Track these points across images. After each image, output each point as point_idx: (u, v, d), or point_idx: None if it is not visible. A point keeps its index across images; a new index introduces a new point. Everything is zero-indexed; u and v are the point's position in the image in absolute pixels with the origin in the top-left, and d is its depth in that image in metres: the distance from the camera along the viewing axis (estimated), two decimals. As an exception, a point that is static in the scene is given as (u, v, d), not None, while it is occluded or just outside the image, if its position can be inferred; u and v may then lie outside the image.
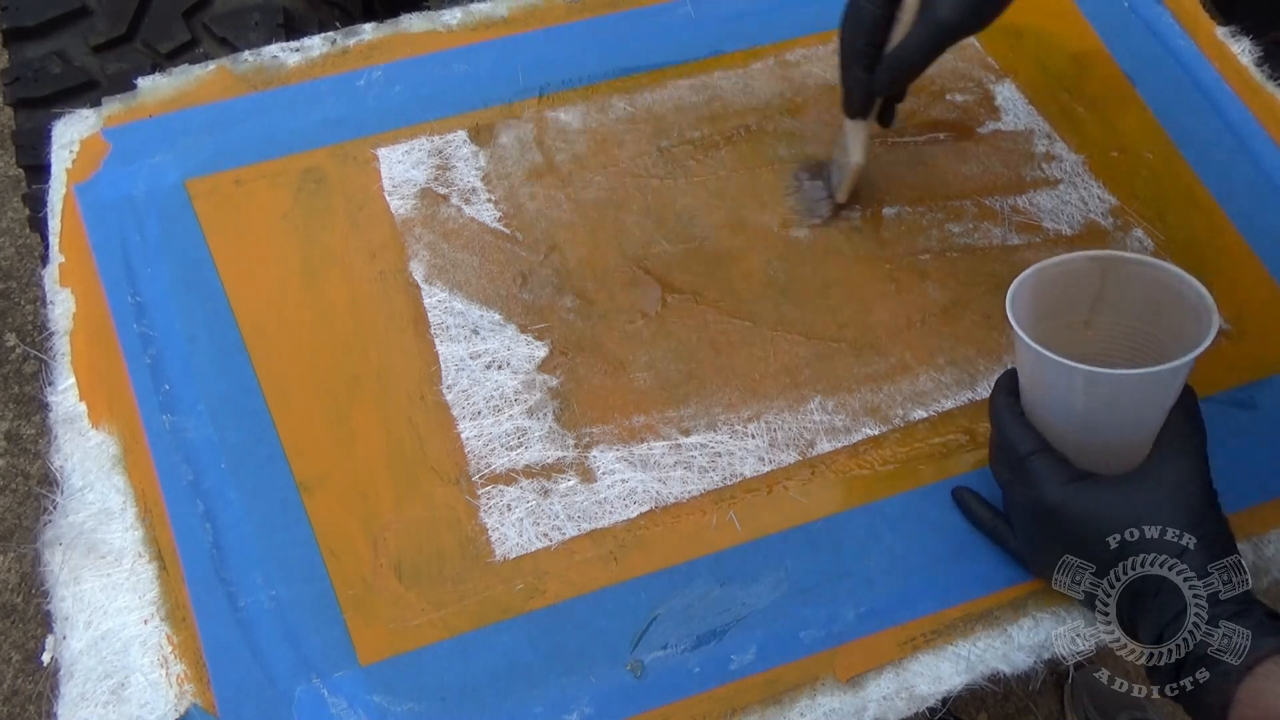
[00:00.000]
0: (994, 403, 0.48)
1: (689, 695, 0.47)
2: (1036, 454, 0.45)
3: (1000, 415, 0.47)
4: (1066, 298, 0.47)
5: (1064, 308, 0.48)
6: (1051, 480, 0.44)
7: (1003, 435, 0.47)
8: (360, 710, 0.46)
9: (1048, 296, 0.46)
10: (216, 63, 0.65)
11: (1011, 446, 0.46)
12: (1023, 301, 0.45)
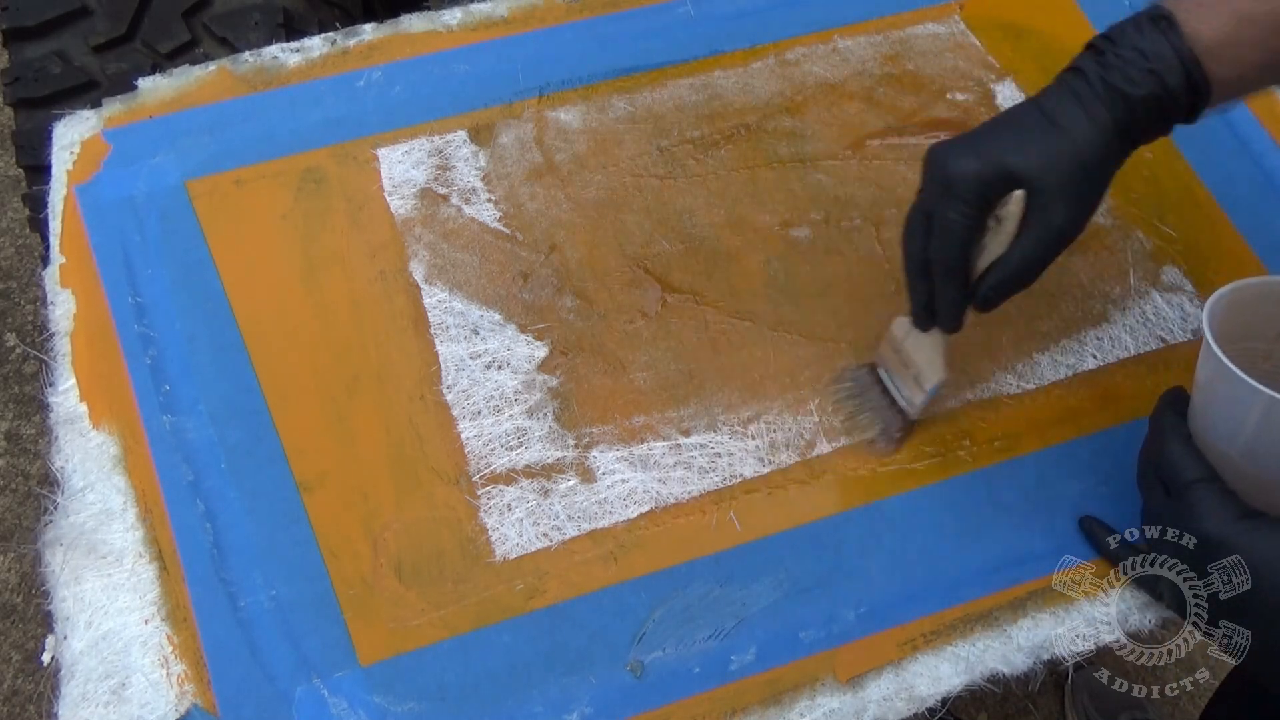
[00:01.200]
0: (1160, 420, 0.45)
1: (689, 695, 0.47)
2: (1202, 483, 0.42)
3: (1166, 435, 0.44)
4: (1255, 322, 0.45)
5: (1249, 332, 0.45)
6: (1217, 514, 0.41)
7: (1166, 457, 0.44)
8: (360, 710, 0.46)
9: (1237, 317, 0.44)
10: (216, 63, 0.65)
11: (1174, 470, 0.43)
12: (1217, 315, 0.43)
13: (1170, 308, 0.59)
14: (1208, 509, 0.41)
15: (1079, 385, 0.56)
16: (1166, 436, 0.44)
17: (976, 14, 0.71)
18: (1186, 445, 0.43)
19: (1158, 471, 0.44)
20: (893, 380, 0.54)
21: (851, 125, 0.65)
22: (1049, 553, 0.50)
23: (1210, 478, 0.42)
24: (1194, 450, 0.43)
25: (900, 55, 0.68)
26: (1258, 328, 0.45)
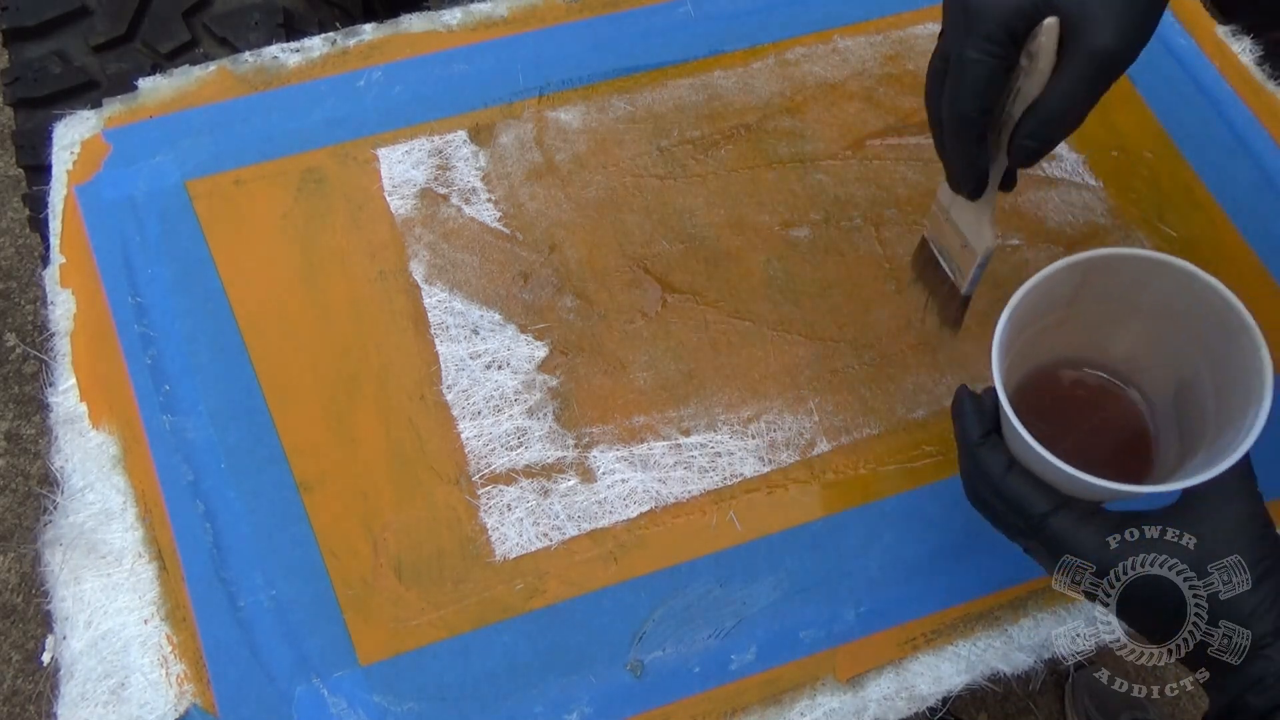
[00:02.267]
0: (976, 455, 0.40)
1: (689, 695, 0.47)
2: (1055, 514, 0.38)
3: (990, 472, 0.39)
4: (1042, 304, 0.42)
5: (1038, 312, 0.42)
6: (1087, 543, 0.38)
7: (1003, 497, 0.39)
8: (360, 710, 0.46)
9: (1024, 315, 0.41)
10: (216, 63, 0.65)
11: (1020, 508, 0.39)
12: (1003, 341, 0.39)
13: (1170, 308, 0.59)
14: (1072, 542, 0.38)
15: (1079, 385, 0.56)
16: (993, 477, 0.39)
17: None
18: (1019, 479, 0.39)
19: (1000, 509, 0.40)
20: (943, 254, 0.49)
21: (851, 125, 0.65)
22: (1049, 553, 0.50)
23: (1059, 505, 0.38)
24: (1027, 480, 0.39)
25: (900, 55, 0.68)
26: (1046, 306, 0.42)
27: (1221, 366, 0.40)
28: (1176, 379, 0.44)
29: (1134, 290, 0.42)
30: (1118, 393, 0.46)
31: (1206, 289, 0.39)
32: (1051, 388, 0.47)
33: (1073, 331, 0.45)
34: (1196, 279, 0.39)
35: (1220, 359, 0.40)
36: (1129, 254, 0.40)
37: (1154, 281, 0.41)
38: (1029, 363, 0.46)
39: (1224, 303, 0.38)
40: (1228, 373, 0.39)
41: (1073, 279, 0.41)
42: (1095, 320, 0.44)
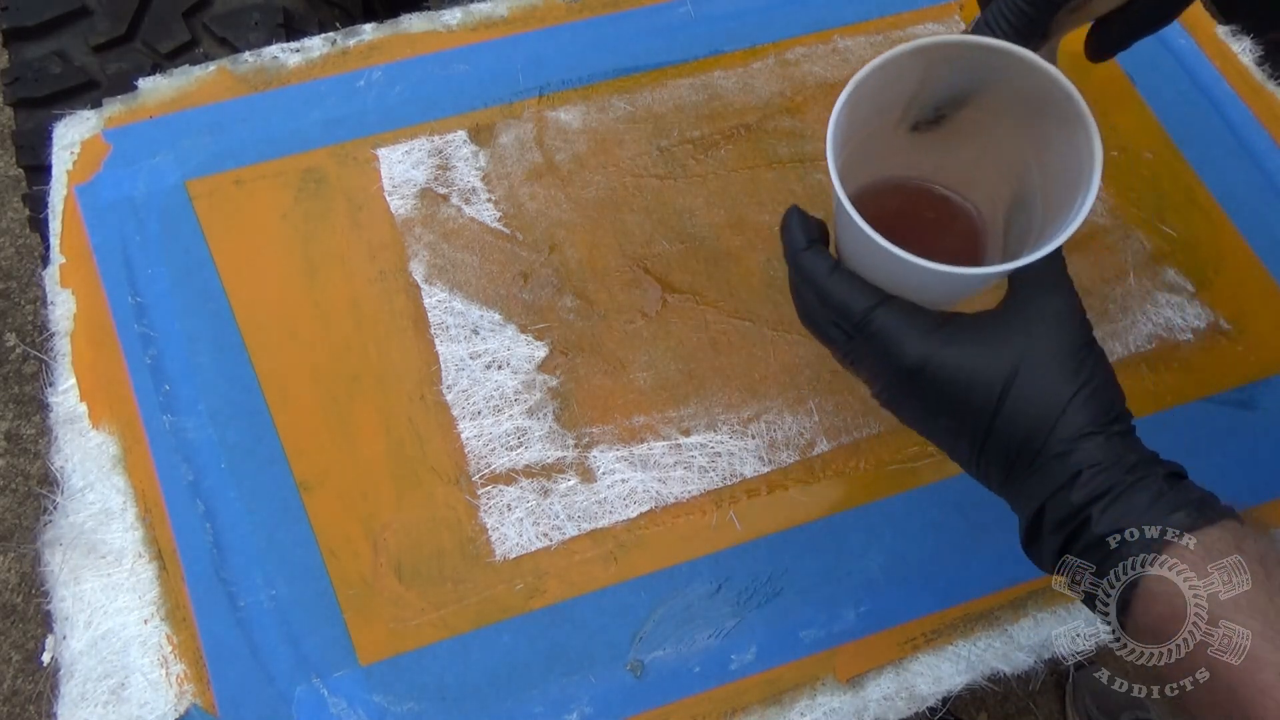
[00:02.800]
0: (800, 260, 0.39)
1: (689, 695, 0.47)
2: (878, 309, 0.36)
3: (814, 274, 0.38)
4: (882, 100, 0.39)
5: (879, 109, 0.40)
6: (906, 336, 0.36)
7: (828, 299, 0.38)
8: (360, 710, 0.46)
9: (861, 111, 0.39)
10: (216, 63, 0.65)
11: (844, 308, 0.37)
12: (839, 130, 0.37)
13: (1170, 308, 0.59)
14: (894, 335, 0.36)
15: (1079, 385, 0.56)
16: (816, 275, 0.38)
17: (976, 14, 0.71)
18: (840, 276, 0.37)
19: (822, 312, 0.39)
20: None
21: (851, 125, 0.65)
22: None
23: (885, 300, 0.37)
24: (852, 279, 0.37)
25: (900, 55, 0.68)
26: (887, 101, 0.40)
27: (1054, 169, 0.38)
28: (1010, 193, 0.42)
29: (974, 87, 0.39)
30: (954, 207, 0.44)
31: (1045, 78, 0.37)
32: (887, 201, 0.44)
33: (912, 141, 0.42)
34: (1035, 68, 0.37)
35: (1054, 158, 0.38)
36: (970, 41, 0.37)
37: (994, 77, 0.39)
38: (866, 172, 0.43)
39: (1062, 92, 0.36)
40: (1060, 173, 0.37)
41: (915, 69, 0.38)
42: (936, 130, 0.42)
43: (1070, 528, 0.34)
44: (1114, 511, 0.33)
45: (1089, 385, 0.35)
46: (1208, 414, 0.55)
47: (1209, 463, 0.54)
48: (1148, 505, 0.33)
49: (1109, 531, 0.33)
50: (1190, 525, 0.32)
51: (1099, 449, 0.34)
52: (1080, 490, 0.34)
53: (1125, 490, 0.34)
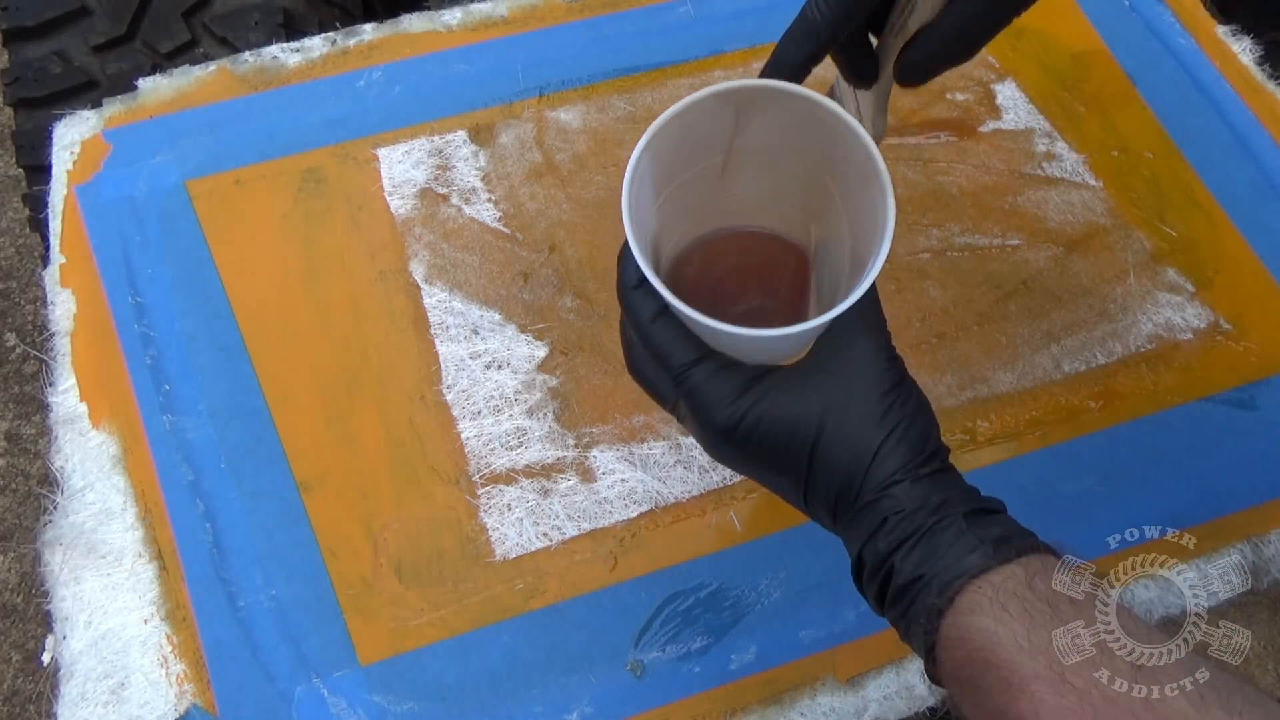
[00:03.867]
0: (628, 299, 0.38)
1: (689, 695, 0.47)
2: (693, 368, 0.36)
3: (638, 318, 0.37)
4: (695, 142, 0.38)
5: (698, 155, 0.39)
6: (719, 396, 0.36)
7: (649, 346, 0.37)
8: (360, 710, 0.46)
9: (680, 149, 0.37)
10: (216, 63, 0.65)
11: (663, 359, 0.37)
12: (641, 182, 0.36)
13: (1170, 308, 0.59)
14: (708, 395, 0.36)
15: (1079, 385, 0.56)
16: (640, 323, 0.37)
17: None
18: (665, 327, 0.37)
19: (645, 360, 0.39)
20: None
21: (851, 125, 0.65)
22: (1049, 553, 0.50)
23: (705, 356, 0.36)
24: (675, 329, 0.37)
25: (900, 55, 0.68)
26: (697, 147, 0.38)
27: (856, 215, 0.38)
28: (822, 238, 0.41)
29: (790, 136, 0.39)
30: (786, 248, 0.43)
31: (849, 134, 0.36)
32: (718, 249, 0.43)
33: (735, 189, 0.41)
34: (841, 123, 0.36)
35: (856, 211, 0.38)
36: (778, 88, 0.36)
37: (808, 127, 0.38)
38: (694, 221, 0.42)
39: (863, 150, 0.36)
40: (862, 226, 0.37)
41: (723, 114, 0.38)
42: (754, 175, 0.41)
43: (881, 575, 0.34)
44: (914, 558, 0.33)
45: (896, 430, 0.35)
46: (1208, 414, 0.55)
47: (1209, 463, 0.54)
48: (946, 548, 0.33)
49: (910, 580, 0.33)
50: (983, 567, 0.32)
51: (905, 494, 0.34)
52: (885, 538, 0.34)
53: (926, 534, 0.33)
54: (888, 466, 0.34)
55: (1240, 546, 0.51)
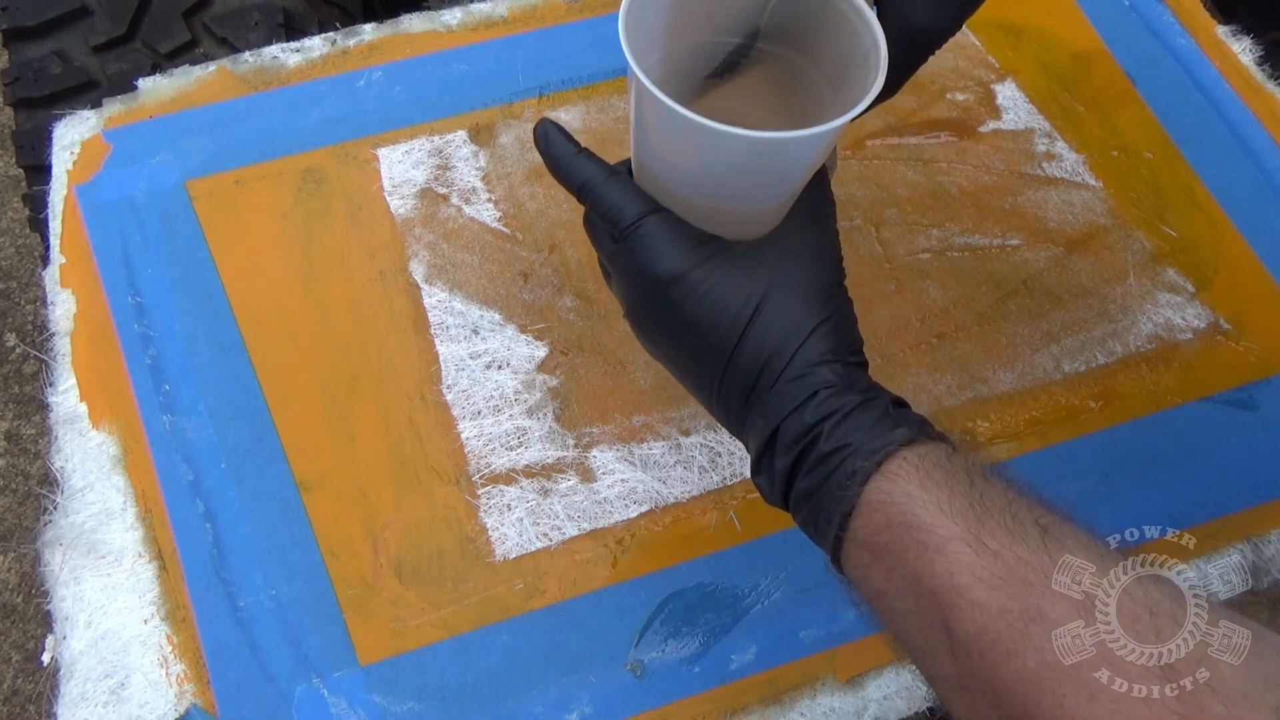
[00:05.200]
0: (572, 165, 0.39)
1: (689, 695, 0.47)
2: (649, 216, 0.37)
3: (588, 178, 0.38)
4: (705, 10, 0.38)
5: (701, 24, 0.38)
6: (671, 247, 0.36)
7: (600, 200, 0.38)
8: (360, 710, 0.46)
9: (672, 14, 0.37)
10: (216, 63, 0.65)
11: (614, 212, 0.38)
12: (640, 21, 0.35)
13: (1170, 308, 0.59)
14: (659, 243, 0.36)
15: (1079, 385, 0.56)
16: (592, 183, 0.38)
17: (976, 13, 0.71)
18: (618, 181, 0.38)
19: (598, 218, 0.39)
20: None
21: (851, 125, 0.65)
22: (1049, 552, 0.50)
23: (656, 209, 0.37)
24: (627, 186, 0.38)
25: (900, 55, 0.68)
26: (710, 17, 0.37)
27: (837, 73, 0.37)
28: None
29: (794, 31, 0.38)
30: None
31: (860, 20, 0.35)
32: None
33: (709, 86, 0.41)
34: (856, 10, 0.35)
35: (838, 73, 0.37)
36: None
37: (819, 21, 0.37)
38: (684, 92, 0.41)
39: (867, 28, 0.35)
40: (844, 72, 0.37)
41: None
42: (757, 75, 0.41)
43: (801, 445, 0.35)
44: (843, 429, 0.35)
45: (832, 319, 0.36)
46: (1208, 414, 0.55)
47: (1209, 463, 0.54)
48: (873, 423, 0.34)
49: (836, 448, 0.34)
50: (910, 439, 0.34)
51: (835, 374, 0.36)
52: (814, 410, 0.35)
53: (854, 410, 0.35)
54: (819, 349, 0.36)
55: (1240, 546, 0.51)
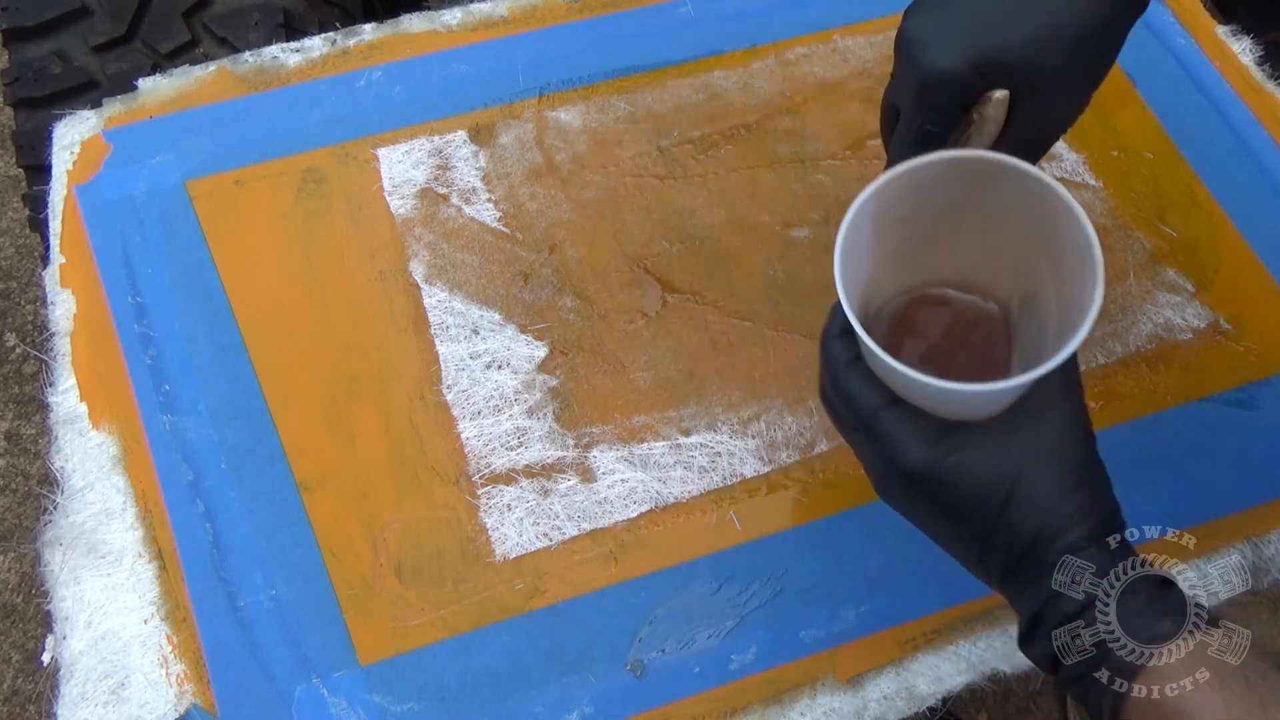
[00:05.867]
0: (826, 346, 0.40)
1: (689, 695, 0.47)
2: (885, 409, 0.37)
3: (834, 361, 0.39)
4: (914, 209, 0.39)
5: (910, 219, 0.40)
6: (914, 440, 0.36)
7: (839, 388, 0.39)
8: (360, 710, 0.46)
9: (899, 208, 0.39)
10: (216, 63, 0.65)
11: (852, 401, 0.38)
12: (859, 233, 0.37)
13: (1170, 308, 0.59)
14: (902, 436, 0.37)
15: (1079, 385, 0.56)
16: (835, 363, 0.39)
17: (976, 14, 0.71)
18: (856, 369, 0.38)
19: (838, 403, 0.40)
20: None
21: (851, 125, 0.65)
22: (1049, 552, 0.50)
23: (893, 401, 0.37)
24: (866, 373, 0.38)
25: (900, 55, 0.68)
26: (925, 208, 0.40)
27: (1062, 270, 0.38)
28: (1021, 291, 0.42)
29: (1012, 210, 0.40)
30: (977, 311, 0.44)
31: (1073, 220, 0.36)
32: (910, 309, 0.44)
33: (946, 252, 0.43)
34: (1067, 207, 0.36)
35: (1060, 257, 0.38)
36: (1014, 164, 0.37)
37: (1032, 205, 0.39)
38: (887, 281, 0.44)
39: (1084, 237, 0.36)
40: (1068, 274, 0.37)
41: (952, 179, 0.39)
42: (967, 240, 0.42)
43: (1065, 632, 0.36)
44: (1107, 618, 0.35)
45: (1089, 500, 0.36)
46: (1208, 414, 0.55)
47: (1209, 463, 0.54)
48: (1139, 612, 0.34)
49: (1099, 640, 0.35)
50: (1176, 633, 0.33)
51: (1094, 557, 0.35)
52: (1072, 599, 0.35)
53: (1118, 597, 0.35)
54: (1076, 532, 0.36)
55: (1240, 546, 0.51)
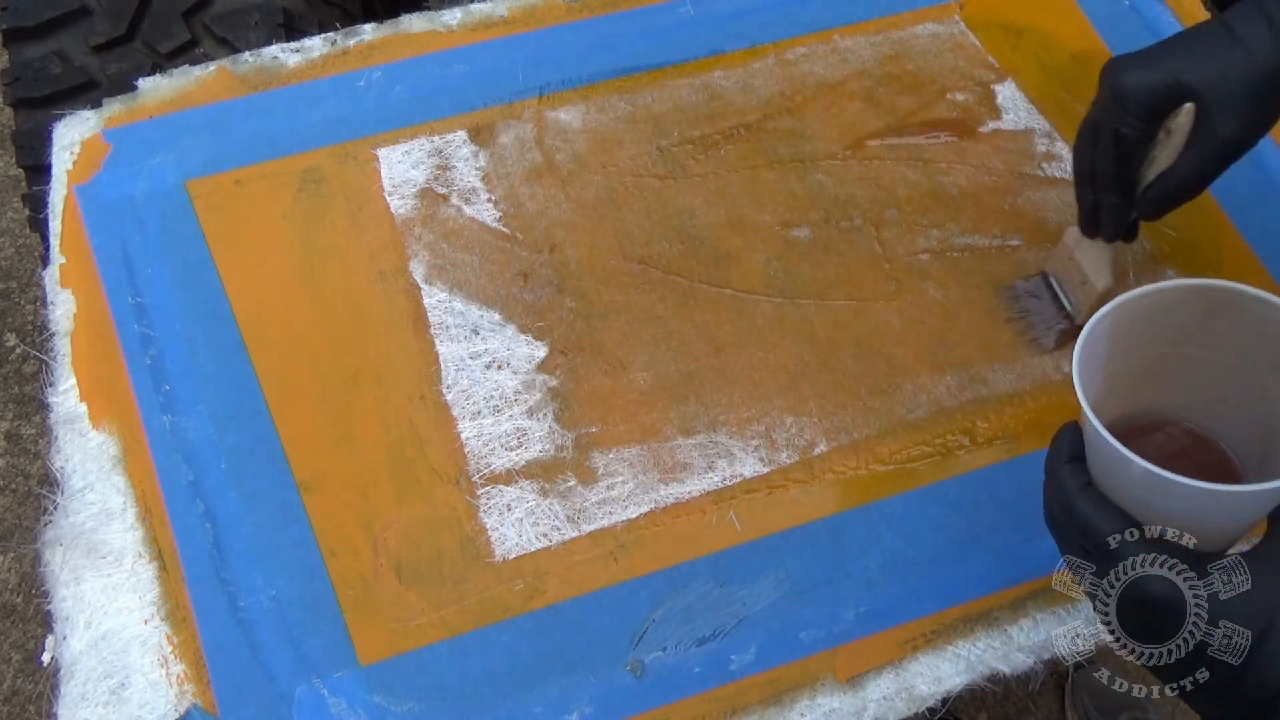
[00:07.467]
0: (1057, 470, 0.40)
1: (689, 695, 0.47)
2: (1137, 545, 0.37)
3: (1066, 488, 0.39)
4: (1151, 329, 0.41)
5: (1147, 339, 0.41)
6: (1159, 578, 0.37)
7: (1073, 515, 0.39)
8: (360, 710, 0.46)
9: (1126, 332, 0.40)
10: (216, 63, 0.65)
11: (1088, 530, 0.38)
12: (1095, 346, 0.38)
13: (1170, 308, 0.59)
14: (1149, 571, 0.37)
15: (1079, 385, 0.56)
16: (1069, 493, 0.39)
17: (976, 14, 0.71)
18: (1089, 495, 0.39)
19: (1070, 530, 0.40)
20: (1062, 287, 0.57)
21: (851, 125, 0.65)
22: (1049, 553, 0.50)
23: (1133, 528, 0.38)
24: (1103, 503, 0.38)
25: (900, 55, 0.68)
26: (1156, 333, 0.41)
27: None
28: (1261, 422, 0.42)
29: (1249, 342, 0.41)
30: (1204, 443, 0.45)
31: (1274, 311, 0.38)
32: (1136, 436, 0.45)
33: (1177, 380, 0.44)
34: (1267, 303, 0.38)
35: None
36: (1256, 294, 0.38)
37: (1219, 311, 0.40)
38: (1124, 404, 0.44)
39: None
40: None
41: (1190, 305, 0.40)
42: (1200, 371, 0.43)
43: None
44: None
45: None
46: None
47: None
48: None
49: None
50: None
51: None
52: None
53: None
54: None
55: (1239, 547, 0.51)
